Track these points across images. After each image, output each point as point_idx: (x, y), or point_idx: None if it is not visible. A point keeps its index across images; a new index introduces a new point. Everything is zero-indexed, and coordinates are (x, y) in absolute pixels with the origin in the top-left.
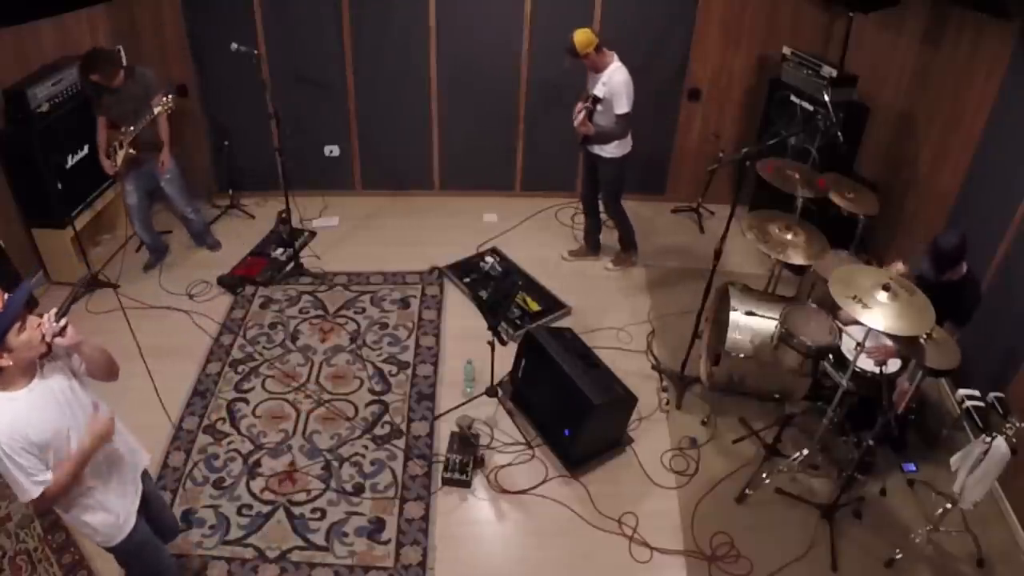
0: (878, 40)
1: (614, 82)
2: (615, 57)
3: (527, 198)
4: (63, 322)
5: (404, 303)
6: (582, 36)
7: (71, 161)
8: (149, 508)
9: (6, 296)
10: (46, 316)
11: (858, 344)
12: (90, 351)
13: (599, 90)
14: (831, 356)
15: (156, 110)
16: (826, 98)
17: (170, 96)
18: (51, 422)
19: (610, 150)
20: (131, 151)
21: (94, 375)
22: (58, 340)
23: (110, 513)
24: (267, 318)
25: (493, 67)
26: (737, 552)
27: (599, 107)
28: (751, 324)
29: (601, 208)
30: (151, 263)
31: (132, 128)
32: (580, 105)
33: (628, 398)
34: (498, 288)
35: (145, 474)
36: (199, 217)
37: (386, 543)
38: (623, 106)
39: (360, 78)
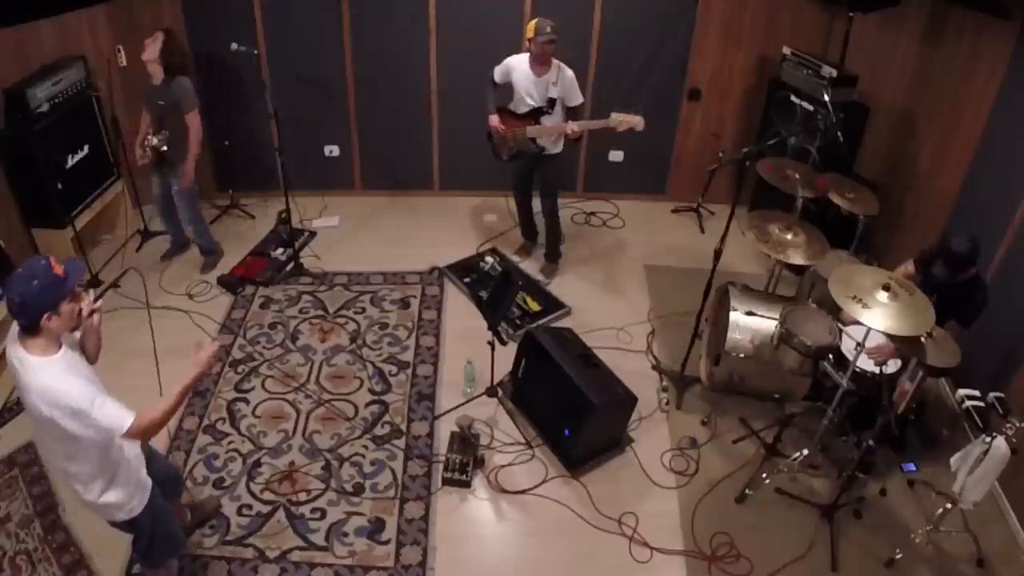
0: (878, 40)
1: (566, 77)
2: None
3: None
4: (98, 304)
5: (404, 303)
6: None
7: (71, 161)
8: (151, 468)
9: (63, 265)
10: (85, 294)
11: (858, 344)
12: (96, 336)
13: (552, 91)
14: (831, 356)
15: (154, 141)
16: (826, 98)
17: (164, 135)
18: (87, 380)
19: (559, 146)
20: (156, 148)
21: (87, 353)
22: (91, 319)
23: (131, 483)
24: (267, 318)
25: (493, 67)
26: (737, 552)
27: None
28: (751, 324)
29: (538, 208)
30: (169, 253)
31: (151, 131)
32: (548, 123)
33: (628, 398)
34: (498, 288)
35: None
36: (201, 240)
37: (386, 543)
38: (578, 97)
39: (360, 78)
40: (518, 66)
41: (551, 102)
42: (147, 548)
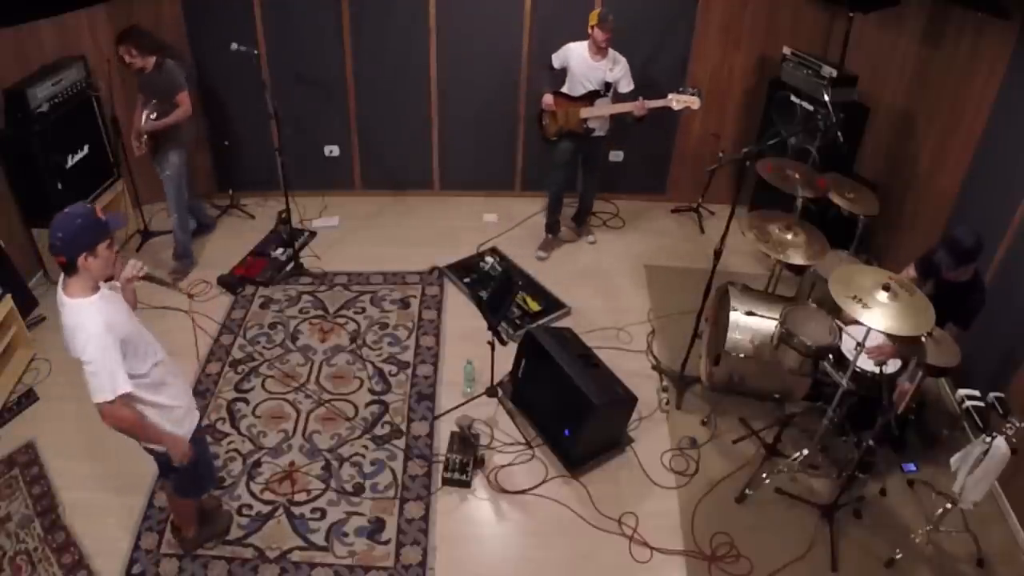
0: (878, 40)
1: (622, 63)
2: None
3: (527, 198)
4: (143, 271)
5: (404, 303)
6: None
7: (71, 161)
8: None
9: (104, 213)
10: (132, 261)
11: (858, 344)
12: (131, 293)
13: (608, 76)
14: (831, 356)
15: (152, 116)
16: (826, 98)
17: (153, 116)
18: (126, 318)
19: (605, 128)
20: (147, 138)
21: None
22: (129, 284)
23: (183, 405)
24: (267, 318)
25: (493, 67)
26: (737, 552)
27: (608, 92)
28: (751, 324)
29: (580, 189)
30: (195, 232)
31: (144, 117)
32: (611, 104)
33: (628, 398)
34: (498, 288)
35: None
36: (179, 233)
37: (386, 543)
38: (631, 84)
39: (360, 78)
40: (577, 52)
41: (607, 86)
42: (185, 476)
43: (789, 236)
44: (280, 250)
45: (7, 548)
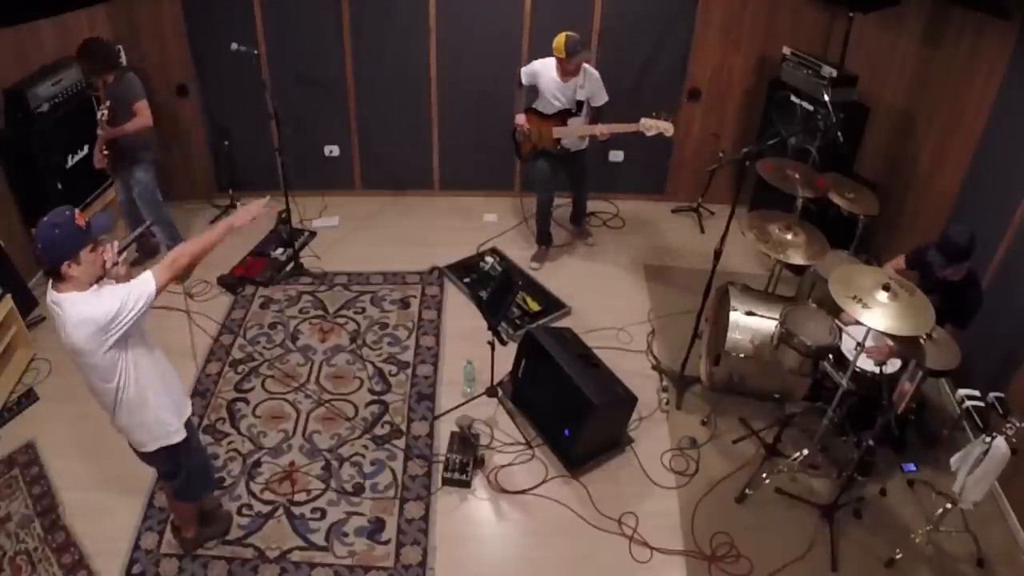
0: (878, 40)
1: (593, 78)
2: None
3: (527, 198)
4: (123, 255)
5: (404, 303)
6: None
7: (71, 161)
8: None
9: (89, 218)
10: (110, 245)
11: (858, 344)
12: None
13: (579, 93)
14: (831, 356)
15: (105, 116)
16: (826, 98)
17: (104, 118)
18: (118, 301)
19: (584, 144)
20: (105, 151)
21: None
22: (116, 268)
23: (176, 401)
24: (267, 318)
25: (493, 67)
26: (737, 552)
27: (581, 110)
28: (751, 324)
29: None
30: (138, 260)
31: (100, 116)
32: (579, 124)
33: (628, 398)
34: (498, 288)
35: None
36: (171, 243)
37: (386, 543)
38: (604, 97)
39: (360, 78)
40: (544, 70)
41: (579, 104)
42: (185, 480)
43: (789, 236)
44: (280, 250)
45: (7, 548)
